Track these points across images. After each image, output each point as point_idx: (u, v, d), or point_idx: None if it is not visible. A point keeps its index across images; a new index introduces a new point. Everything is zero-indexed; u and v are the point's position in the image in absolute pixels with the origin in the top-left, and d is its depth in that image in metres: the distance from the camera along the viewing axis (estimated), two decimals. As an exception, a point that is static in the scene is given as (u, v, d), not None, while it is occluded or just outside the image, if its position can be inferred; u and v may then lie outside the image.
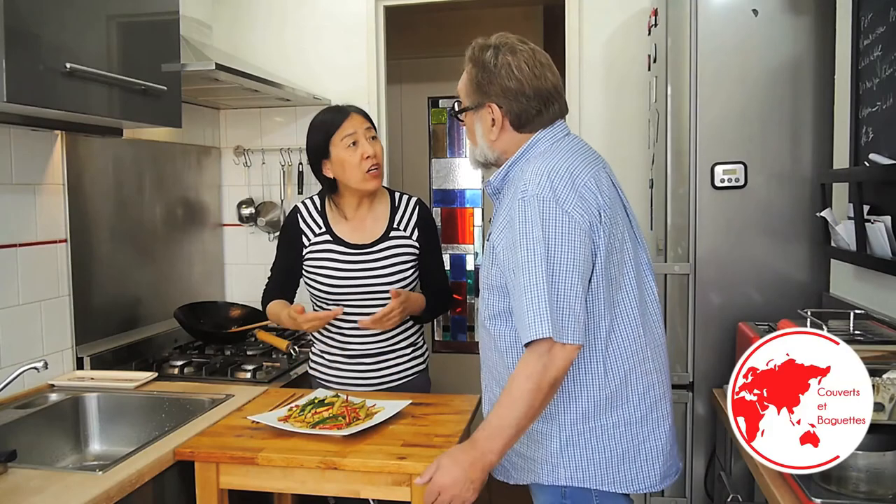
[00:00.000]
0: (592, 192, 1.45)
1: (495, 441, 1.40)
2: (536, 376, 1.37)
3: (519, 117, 1.54)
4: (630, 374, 1.50)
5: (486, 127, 1.56)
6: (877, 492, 1.36)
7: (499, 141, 1.56)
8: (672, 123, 2.26)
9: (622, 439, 1.51)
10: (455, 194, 4.74)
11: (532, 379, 1.37)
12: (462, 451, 1.43)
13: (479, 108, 1.56)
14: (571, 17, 2.90)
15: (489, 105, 1.54)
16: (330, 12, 3.06)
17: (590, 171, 1.48)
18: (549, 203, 1.40)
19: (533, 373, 1.38)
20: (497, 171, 1.59)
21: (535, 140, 1.55)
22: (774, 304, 2.20)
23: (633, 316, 1.50)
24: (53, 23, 1.68)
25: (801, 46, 2.18)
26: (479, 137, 1.59)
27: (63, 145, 2.22)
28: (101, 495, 1.44)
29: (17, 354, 2.04)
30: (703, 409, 2.29)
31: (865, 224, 1.82)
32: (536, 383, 1.37)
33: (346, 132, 2.03)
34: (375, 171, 2.05)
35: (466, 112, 1.59)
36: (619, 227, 1.49)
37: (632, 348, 1.50)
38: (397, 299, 1.98)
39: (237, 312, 2.89)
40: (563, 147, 1.53)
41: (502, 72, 1.51)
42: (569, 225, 1.40)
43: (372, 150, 2.04)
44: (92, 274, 2.35)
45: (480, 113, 1.56)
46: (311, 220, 2.15)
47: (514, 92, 1.51)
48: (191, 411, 2.00)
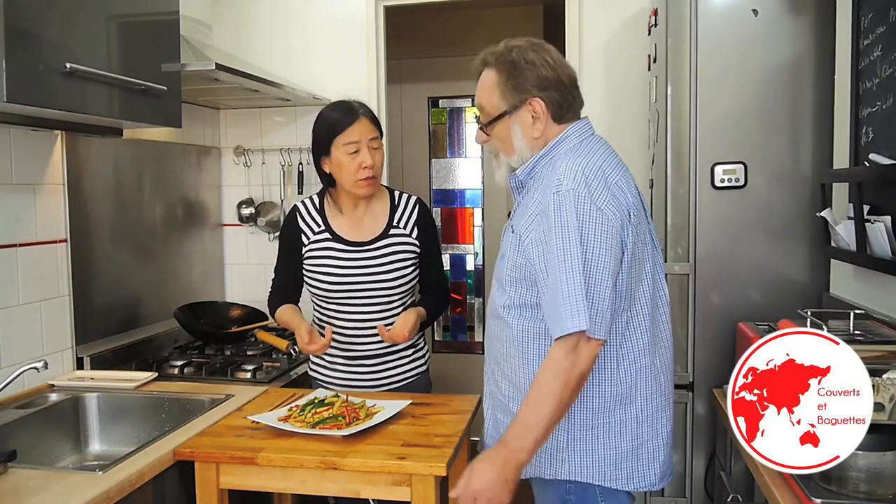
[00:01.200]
0: (623, 191, 1.47)
1: (526, 439, 1.41)
2: (565, 373, 1.38)
3: (560, 107, 1.54)
4: (640, 373, 1.52)
5: (527, 125, 1.54)
6: (877, 492, 1.36)
7: (541, 137, 1.55)
8: (672, 123, 2.26)
9: (629, 437, 1.52)
10: (455, 194, 4.74)
11: (560, 376, 1.39)
12: (494, 453, 1.43)
13: (519, 108, 1.54)
14: (571, 16, 2.89)
15: (530, 101, 1.53)
16: (330, 12, 3.06)
17: (619, 172, 1.50)
18: (585, 199, 1.41)
19: (561, 369, 1.39)
20: (524, 165, 1.57)
21: (563, 136, 1.55)
22: (774, 304, 2.20)
23: (646, 315, 1.52)
24: (53, 23, 1.68)
25: (801, 46, 2.18)
26: (518, 141, 1.56)
27: (63, 145, 2.22)
28: (101, 495, 1.44)
29: (17, 354, 2.04)
30: (703, 409, 2.29)
31: (865, 224, 1.82)
32: (565, 380, 1.39)
33: (349, 138, 2.01)
34: (370, 180, 2.04)
35: (500, 119, 1.56)
36: (643, 228, 1.52)
37: (643, 347, 1.52)
38: (387, 335, 2.00)
39: (237, 312, 2.89)
40: (592, 146, 1.54)
41: (537, 63, 1.52)
42: (602, 221, 1.41)
43: (371, 161, 2.02)
44: (92, 274, 2.35)
45: (519, 113, 1.54)
46: (309, 219, 2.14)
47: (553, 81, 1.52)
48: (191, 411, 2.00)
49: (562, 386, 1.38)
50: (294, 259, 2.14)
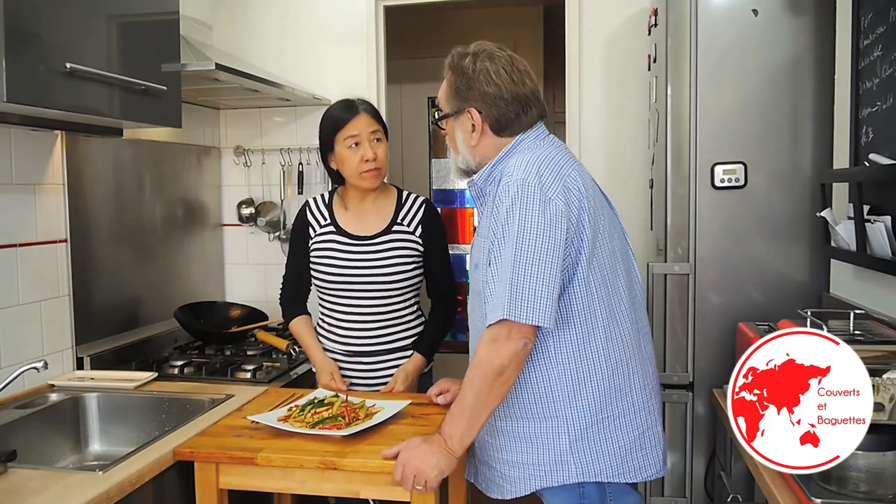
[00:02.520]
0: (576, 182, 1.49)
1: (451, 426, 1.47)
2: (484, 363, 1.42)
3: (498, 121, 1.57)
4: (630, 363, 1.54)
5: (467, 132, 1.59)
6: (877, 492, 1.36)
7: (479, 146, 1.60)
8: (672, 123, 2.25)
9: (630, 428, 1.54)
10: (455, 194, 4.74)
11: (479, 366, 1.43)
12: (428, 435, 1.52)
13: (459, 114, 1.60)
14: (571, 17, 2.89)
15: (468, 110, 1.57)
16: (330, 12, 3.06)
17: (573, 165, 1.54)
18: (533, 187, 1.43)
19: (481, 360, 1.42)
20: (481, 171, 1.60)
21: (518, 140, 1.58)
22: (774, 304, 2.20)
23: (626, 305, 1.55)
24: (53, 23, 1.68)
25: (801, 46, 2.18)
26: (460, 143, 1.62)
27: (63, 145, 2.22)
28: (101, 495, 1.44)
29: (17, 354, 2.04)
30: (703, 409, 2.29)
31: (865, 224, 1.82)
32: (483, 370, 1.42)
33: (349, 133, 2.06)
34: (373, 172, 2.07)
35: (447, 119, 1.63)
36: (606, 219, 1.55)
37: (628, 338, 1.54)
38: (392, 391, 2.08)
39: (237, 312, 2.89)
40: (547, 143, 1.58)
41: (480, 77, 1.55)
42: (548, 209, 1.42)
43: (372, 154, 2.06)
44: (92, 274, 2.35)
45: (461, 119, 1.60)
46: (317, 213, 2.19)
47: (493, 96, 1.55)
48: (191, 411, 2.00)
49: (480, 376, 1.42)
50: (303, 252, 2.18)
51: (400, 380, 2.09)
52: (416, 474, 1.47)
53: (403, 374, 2.10)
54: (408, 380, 2.10)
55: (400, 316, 2.15)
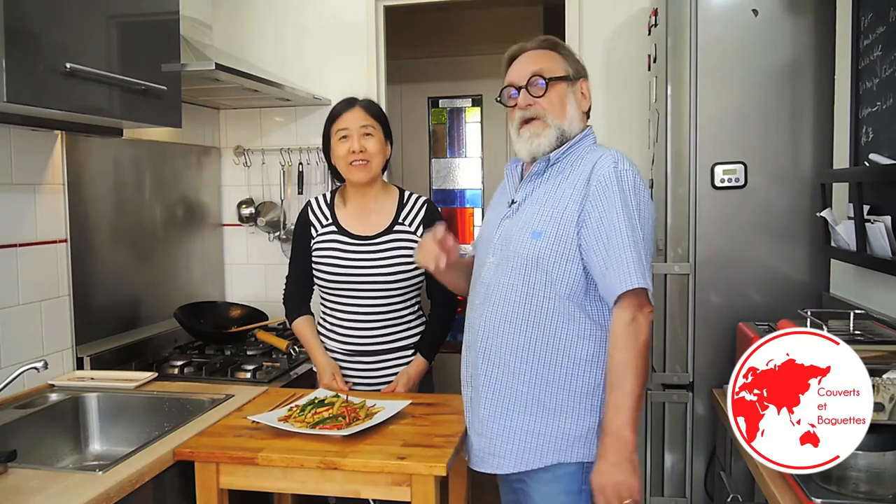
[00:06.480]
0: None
1: (621, 416, 1.48)
2: (631, 344, 1.48)
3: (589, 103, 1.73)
4: None
5: (580, 100, 1.69)
6: (877, 492, 1.36)
7: (581, 120, 1.69)
8: (672, 123, 2.25)
9: None
10: (455, 194, 4.74)
11: (627, 348, 1.48)
12: (601, 447, 1.51)
13: (576, 81, 1.68)
14: (571, 17, 2.89)
15: (583, 81, 1.70)
16: (330, 12, 3.06)
17: None
18: (639, 178, 1.58)
19: (627, 342, 1.48)
20: (560, 148, 1.66)
21: (588, 132, 1.70)
22: (774, 304, 2.20)
23: None
24: (53, 23, 1.68)
25: (801, 46, 2.18)
26: (571, 107, 1.67)
27: (63, 145, 2.22)
28: (101, 495, 1.44)
29: (17, 354, 2.04)
30: (703, 409, 2.29)
31: (865, 224, 1.82)
32: (631, 352, 1.48)
33: (340, 126, 2.11)
34: (360, 165, 2.09)
35: (562, 80, 1.66)
36: None
37: None
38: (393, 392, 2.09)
39: (237, 312, 2.89)
40: None
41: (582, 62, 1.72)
42: (649, 202, 1.59)
43: (359, 146, 2.08)
44: (92, 274, 2.35)
45: (577, 85, 1.68)
46: (319, 213, 2.20)
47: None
48: (191, 411, 2.00)
49: (633, 359, 1.48)
50: (306, 252, 2.18)
51: (402, 382, 2.09)
52: (618, 491, 1.46)
53: (405, 376, 2.11)
54: (409, 382, 2.10)
55: (401, 316, 2.15)
